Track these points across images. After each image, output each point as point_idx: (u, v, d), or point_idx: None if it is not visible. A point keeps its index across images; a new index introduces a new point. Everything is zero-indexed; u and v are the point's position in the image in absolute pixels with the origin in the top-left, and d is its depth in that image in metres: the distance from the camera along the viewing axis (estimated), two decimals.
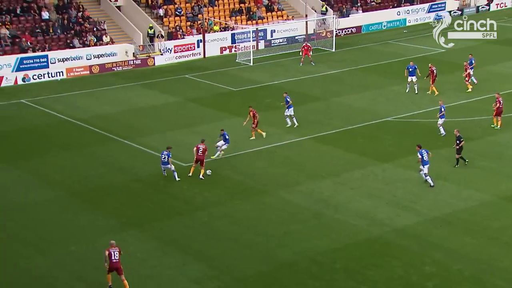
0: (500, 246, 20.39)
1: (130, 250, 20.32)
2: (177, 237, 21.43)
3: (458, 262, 19.59)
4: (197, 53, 45.63)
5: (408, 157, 26.99)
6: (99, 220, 22.45)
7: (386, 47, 45.70)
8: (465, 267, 19.37)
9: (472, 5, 57.48)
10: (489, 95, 34.34)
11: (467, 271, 19.18)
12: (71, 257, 20.21)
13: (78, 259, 20.13)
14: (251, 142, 29.13)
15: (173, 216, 22.85)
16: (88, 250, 20.57)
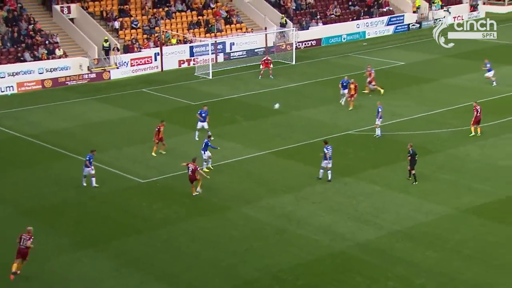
0: (462, 259, 20.85)
1: (85, 271, 19.99)
2: (136, 256, 21.20)
3: (420, 276, 19.94)
4: (154, 66, 45.47)
5: (370, 170, 27.41)
6: (52, 240, 22.04)
7: (346, 60, 46.44)
8: (428, 281, 19.72)
9: (430, 18, 59.04)
10: (446, 108, 35.22)
11: (430, 285, 19.53)
12: (21, 277, 19.73)
13: (28, 280, 19.67)
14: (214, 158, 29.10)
15: (131, 234, 22.60)
16: (40, 271, 20.14)
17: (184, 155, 29.57)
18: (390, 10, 58.46)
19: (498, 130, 31.67)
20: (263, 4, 53.66)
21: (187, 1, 51.37)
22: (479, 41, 51.63)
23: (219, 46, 47.80)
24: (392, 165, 27.76)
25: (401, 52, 49.29)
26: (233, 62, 46.94)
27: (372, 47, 50.95)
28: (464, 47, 49.98)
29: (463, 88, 38.47)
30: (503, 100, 36.52)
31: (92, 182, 26.03)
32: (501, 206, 24.16)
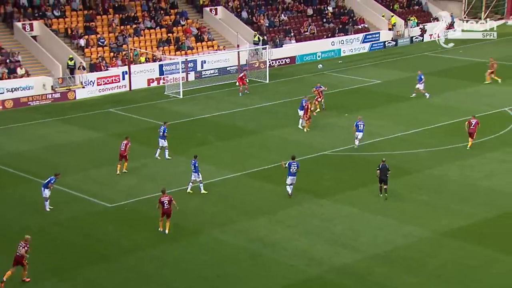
0: (441, 284, 21.06)
1: None
2: (103, 285, 20.98)
3: None
4: (122, 85, 45.39)
5: (347, 192, 27.63)
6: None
7: (321, 78, 46.91)
8: None
9: (406, 36, 60.13)
10: (424, 128, 35.79)
11: None
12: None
13: None
14: (183, 179, 29.08)
15: (97, 262, 22.37)
16: None
17: (153, 177, 29.48)
18: (365, 27, 59.42)
19: (477, 150, 32.24)
20: (235, 21, 54.12)
21: (156, 18, 51.57)
22: (455, 59, 52.77)
23: (190, 64, 47.98)
24: (370, 186, 28.02)
25: (377, 70, 50.04)
26: (204, 80, 47.11)
27: (348, 65, 51.62)
28: (440, 65, 51.02)
29: (441, 107, 39.12)
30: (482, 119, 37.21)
31: (46, 206, 25.81)
32: (480, 228, 24.53)
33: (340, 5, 61.20)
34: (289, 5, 58.72)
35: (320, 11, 59.14)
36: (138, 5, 52.27)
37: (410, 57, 54.58)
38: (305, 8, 58.86)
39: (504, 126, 35.54)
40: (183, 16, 52.84)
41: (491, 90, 43.21)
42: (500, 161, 30.84)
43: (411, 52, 56.40)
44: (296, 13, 58.32)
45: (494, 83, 44.50)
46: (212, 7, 54.90)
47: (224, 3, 55.82)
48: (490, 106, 39.43)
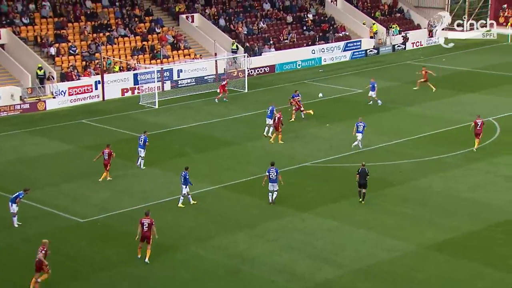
0: None
1: None
2: None
3: None
4: (95, 95, 45.18)
5: (329, 205, 27.75)
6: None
7: (302, 87, 47.14)
8: None
9: (388, 44, 60.75)
10: (407, 138, 36.12)
11: None
12: None
13: None
14: (159, 193, 28.98)
15: (69, 280, 22.18)
16: None
17: (128, 190, 29.35)
18: (346, 35, 59.92)
19: (461, 161, 32.61)
20: (212, 29, 54.24)
21: (130, 25, 51.48)
22: (440, 68, 53.43)
23: (166, 74, 47.93)
24: (351, 199, 28.18)
25: (359, 79, 50.44)
26: (181, 90, 47.08)
27: (329, 74, 51.97)
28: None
29: (424, 117, 39.51)
30: (466, 129, 37.67)
31: (14, 222, 25.56)
32: (464, 241, 24.77)
33: (320, 13, 61.69)
34: (268, 12, 59.05)
35: (300, 19, 59.55)
36: (111, 12, 52.16)
37: (392, 66, 55.11)
38: (284, 16, 59.22)
39: (488, 136, 36.00)
40: (158, 23, 52.84)
41: (474, 99, 43.80)
42: (485, 172, 31.22)
43: (393, 60, 56.96)
44: (275, 20, 58.65)
45: (423, 89, 45.12)
46: (189, 14, 55.00)
47: (201, 10, 55.97)
48: (473, 115, 39.85)
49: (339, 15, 62.04)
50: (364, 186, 27.45)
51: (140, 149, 31.82)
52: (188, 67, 49.23)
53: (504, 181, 30.18)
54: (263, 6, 59.53)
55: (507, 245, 24.39)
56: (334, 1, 63.43)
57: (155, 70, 45.70)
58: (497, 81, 48.43)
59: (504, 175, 30.84)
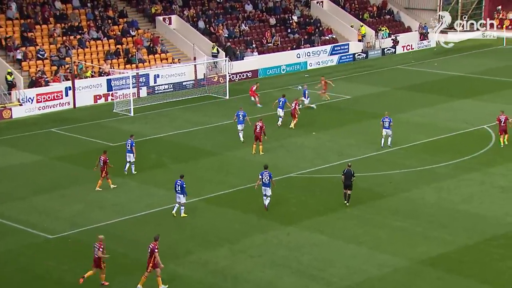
0: None
1: None
2: None
3: None
4: (66, 102, 44.98)
5: (315, 218, 27.78)
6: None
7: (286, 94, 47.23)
8: None
9: (377, 47, 61.16)
10: (399, 147, 36.30)
11: None
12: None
13: None
14: (135, 206, 28.85)
15: None
16: None
17: (101, 204, 29.19)
18: (333, 38, 60.25)
19: (454, 171, 32.84)
20: (191, 31, 54.29)
21: (103, 27, 51.35)
22: (432, 72, 53.89)
23: (142, 79, 47.85)
24: (340, 212, 28.24)
25: (346, 84, 50.69)
26: (157, 97, 47.00)
27: (315, 79, 52.17)
28: (416, 79, 51.98)
29: (416, 124, 39.75)
30: (459, 137, 37.95)
31: None
32: (459, 256, 24.89)
33: (306, 14, 61.99)
34: (250, 14, 59.22)
35: (284, 21, 59.79)
36: (82, 13, 52.01)
37: (381, 71, 55.48)
38: (267, 18, 59.43)
39: (483, 145, 36.32)
40: (133, 26, 52.78)
41: (468, 106, 44.18)
42: (480, 183, 31.46)
43: (382, 65, 57.33)
44: (258, 22, 58.85)
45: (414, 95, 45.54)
46: (166, 16, 55.03)
47: (179, 12, 56.01)
48: (467, 123, 40.25)
49: (326, 17, 62.40)
50: (349, 188, 28.43)
51: (128, 154, 32.38)
52: (166, 72, 49.18)
53: (500, 192, 30.43)
54: (244, 7, 59.73)
55: (505, 260, 24.54)
56: (320, 2, 63.82)
57: (130, 75, 45.61)
58: (492, 87, 48.93)
59: (500, 185, 31.10)
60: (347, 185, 28.46)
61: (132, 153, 32.38)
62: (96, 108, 45.01)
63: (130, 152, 32.38)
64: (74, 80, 45.06)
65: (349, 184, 28.41)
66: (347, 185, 28.47)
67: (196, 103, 45.59)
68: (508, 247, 25.42)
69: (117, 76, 46.79)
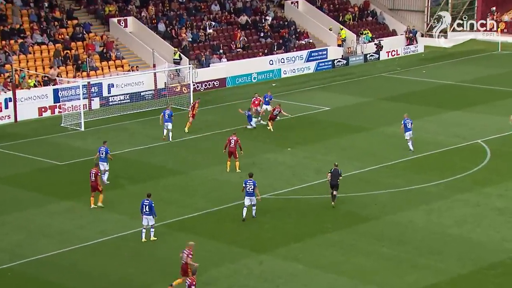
0: None
1: None
2: None
3: None
4: (6, 116, 44.63)
5: (291, 244, 27.83)
6: None
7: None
8: None
9: (358, 53, 61.72)
10: (384, 164, 36.58)
11: None
12: None
13: None
14: (86, 233, 28.62)
15: None
16: None
17: (46, 231, 28.94)
18: (310, 43, 60.70)
19: (445, 191, 33.14)
20: (150, 35, 54.32)
21: (48, 30, 51.11)
22: (419, 81, 54.49)
23: (94, 89, 47.67)
24: (319, 237, 28.32)
25: (325, 94, 50.96)
26: (112, 109, 46.81)
27: (290, 89, 52.42)
28: (401, 88, 52.50)
29: (403, 139, 40.08)
30: (450, 153, 38.33)
31: None
32: (452, 286, 25.04)
33: (280, 16, 62.39)
34: (217, 15, 59.43)
35: (255, 23, 60.11)
36: (24, 14, 51.72)
37: (364, 79, 55.91)
38: (236, 20, 59.69)
39: (477, 162, 36.74)
40: (84, 28, 52.61)
41: (459, 118, 44.69)
42: (474, 205, 31.78)
43: (365, 72, 57.78)
44: (226, 25, 59.07)
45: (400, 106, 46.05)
46: (121, 17, 55.00)
47: (136, 13, 56.02)
48: (460, 137, 40.73)
49: (301, 19, 62.87)
50: (335, 188, 30.61)
51: (102, 162, 33.35)
52: (121, 81, 49.06)
53: (497, 214, 30.77)
54: (210, 8, 59.92)
55: None
56: (295, 3, 64.30)
57: (80, 84, 45.38)
58: (486, 97, 49.61)
59: (497, 207, 31.45)
60: (333, 185, 30.58)
61: (106, 162, 33.39)
62: (41, 122, 44.67)
63: (104, 160, 33.35)
64: (15, 91, 44.75)
65: (335, 184, 30.56)
66: (333, 185, 30.60)
67: (156, 116, 45.38)
68: (506, 276, 25.69)
69: (65, 86, 46.54)
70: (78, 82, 45.80)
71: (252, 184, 29.29)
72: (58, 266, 25.68)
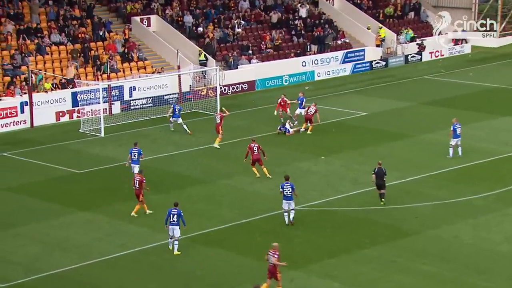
0: None
1: None
2: None
3: None
4: (21, 120, 45.00)
5: (325, 260, 27.68)
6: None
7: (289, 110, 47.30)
8: None
9: (399, 54, 61.39)
10: (426, 174, 36.25)
11: None
12: None
13: None
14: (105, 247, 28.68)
15: None
16: None
17: (63, 244, 29.07)
18: (346, 43, 60.51)
19: (494, 204, 32.78)
20: (174, 35, 54.48)
21: (67, 30, 51.45)
22: (464, 84, 54.00)
23: (114, 92, 47.91)
24: (356, 253, 28.14)
25: (362, 98, 50.73)
26: (134, 113, 47.03)
27: (324, 92, 52.27)
28: (445, 92, 52.12)
29: (447, 147, 39.71)
30: (501, 163, 37.89)
31: None
32: None
33: (313, 14, 62.27)
34: (246, 13, 59.48)
35: (287, 22, 60.06)
36: (42, 13, 52.15)
37: (404, 82, 55.60)
38: (267, 18, 59.70)
39: None
40: (104, 28, 52.94)
41: (510, 125, 44.20)
42: None
43: (405, 75, 57.47)
44: (256, 24, 59.09)
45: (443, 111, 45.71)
46: (144, 16, 55.24)
47: (160, 11, 56.23)
48: (510, 145, 40.27)
49: (337, 17, 62.73)
50: (383, 187, 32.17)
51: (134, 165, 34.36)
52: (143, 84, 49.27)
53: None
54: (239, 5, 59.99)
55: None
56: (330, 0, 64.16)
57: (100, 87, 45.66)
58: None
59: None
60: (379, 185, 32.19)
61: (138, 164, 34.26)
62: (58, 128, 44.98)
63: (137, 162, 34.30)
64: (31, 94, 45.10)
65: (382, 184, 32.16)
66: (380, 185, 32.21)
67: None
68: None
69: (84, 89, 46.86)
70: (98, 85, 46.07)
71: (289, 187, 30.10)
72: (75, 281, 25.77)
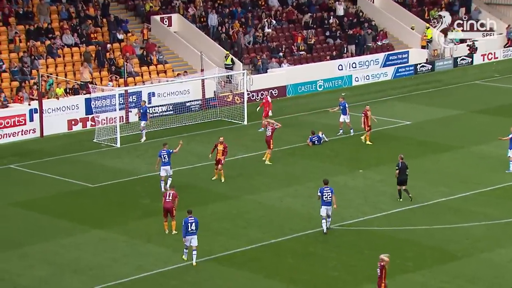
0: None
1: None
2: None
3: None
4: (30, 129, 45.33)
5: (364, 286, 27.63)
6: None
7: (324, 118, 47.27)
8: None
9: (447, 56, 61.14)
10: (477, 191, 36.05)
11: None
12: None
13: None
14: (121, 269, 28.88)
15: None
16: None
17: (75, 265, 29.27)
18: (388, 44, 60.43)
19: None
20: (197, 36, 54.67)
21: (80, 30, 51.76)
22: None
23: (132, 98, 48.17)
24: (399, 278, 28.04)
25: (405, 105, 50.56)
26: (153, 122, 47.19)
27: (363, 99, 52.16)
28: (499, 99, 51.85)
29: (502, 161, 39.45)
30: None
31: None
32: None
33: (351, 12, 62.25)
34: (277, 12, 59.62)
35: (321, 21, 60.12)
36: (53, 11, 52.54)
37: (453, 88, 55.35)
38: (299, 17, 59.80)
39: None
40: (121, 28, 53.29)
41: None
42: None
43: (454, 80, 57.22)
44: (287, 23, 59.21)
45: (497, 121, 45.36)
46: (165, 15, 55.52)
47: (182, 10, 56.46)
48: None
49: (378, 16, 62.68)
50: (404, 182, 33.87)
51: (165, 167, 35.79)
52: (164, 90, 49.50)
53: None
54: (269, 3, 60.13)
55: None
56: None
57: (116, 93, 45.92)
58: None
59: None
60: (403, 180, 33.81)
61: (170, 165, 35.73)
62: (70, 137, 45.28)
63: (168, 164, 35.72)
64: (41, 100, 45.41)
65: (405, 179, 33.76)
66: (402, 180, 33.83)
67: (204, 130, 45.72)
68: None
69: (99, 95, 47.11)
70: (115, 91, 46.29)
71: (329, 191, 31.03)
72: None
